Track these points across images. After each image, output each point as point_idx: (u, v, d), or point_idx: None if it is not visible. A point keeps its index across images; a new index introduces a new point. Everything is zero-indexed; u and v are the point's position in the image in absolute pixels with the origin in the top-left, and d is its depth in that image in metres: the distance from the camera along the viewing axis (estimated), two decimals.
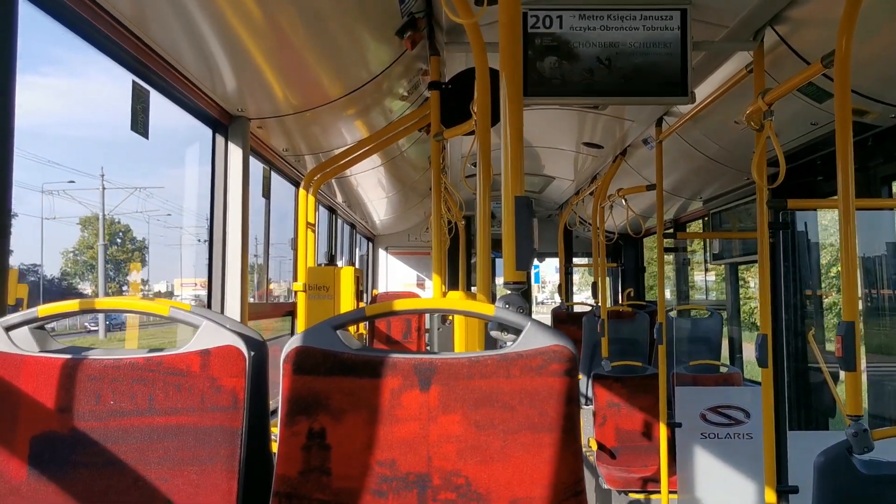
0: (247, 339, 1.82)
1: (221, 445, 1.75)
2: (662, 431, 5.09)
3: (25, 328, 1.85)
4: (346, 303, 4.86)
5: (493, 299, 2.64)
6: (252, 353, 1.81)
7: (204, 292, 4.19)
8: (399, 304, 1.78)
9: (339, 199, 7.72)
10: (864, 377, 2.73)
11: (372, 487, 1.64)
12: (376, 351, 1.71)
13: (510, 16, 2.24)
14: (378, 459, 1.64)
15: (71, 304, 1.91)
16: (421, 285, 11.72)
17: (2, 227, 2.05)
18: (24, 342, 1.83)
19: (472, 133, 3.29)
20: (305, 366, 1.66)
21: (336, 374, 1.66)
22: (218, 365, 1.77)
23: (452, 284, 9.49)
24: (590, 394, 6.51)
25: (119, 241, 36.27)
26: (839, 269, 2.66)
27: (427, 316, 8.80)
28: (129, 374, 1.78)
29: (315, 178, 4.80)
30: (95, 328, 23.03)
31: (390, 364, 1.67)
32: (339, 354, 1.67)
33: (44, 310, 1.84)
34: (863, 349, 4.05)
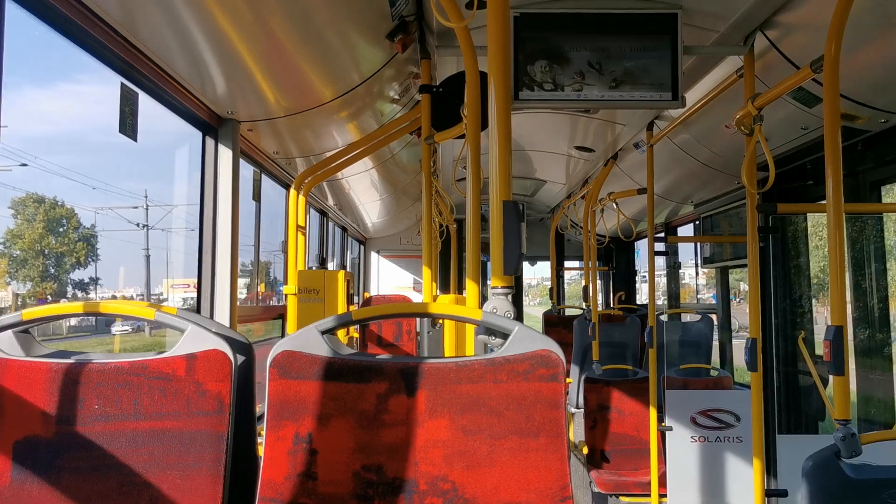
0: (233, 343, 1.81)
1: (207, 450, 1.74)
2: (653, 435, 5.10)
3: (10, 332, 1.84)
4: (337, 306, 4.85)
5: (483, 303, 2.64)
6: (238, 357, 1.80)
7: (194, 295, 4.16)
8: (386, 309, 1.77)
9: (331, 202, 7.71)
10: (852, 381, 2.74)
11: (358, 492, 1.63)
12: (363, 355, 1.70)
13: (499, 19, 2.24)
14: (364, 464, 1.64)
15: (56, 308, 1.90)
16: (417, 289, 11.71)
17: None
18: (8, 346, 1.82)
19: (462, 136, 3.29)
20: (291, 370, 1.66)
21: (322, 379, 1.65)
22: (203, 369, 1.76)
23: (444, 288, 9.48)
24: (581, 397, 6.51)
25: (62, 229, 27.19)
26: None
27: (417, 319, 8.77)
28: (114, 379, 1.77)
29: (306, 181, 4.79)
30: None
31: (377, 369, 1.66)
32: (326, 359, 1.67)
33: (28, 313, 1.83)
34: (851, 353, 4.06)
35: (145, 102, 3.15)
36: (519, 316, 2.34)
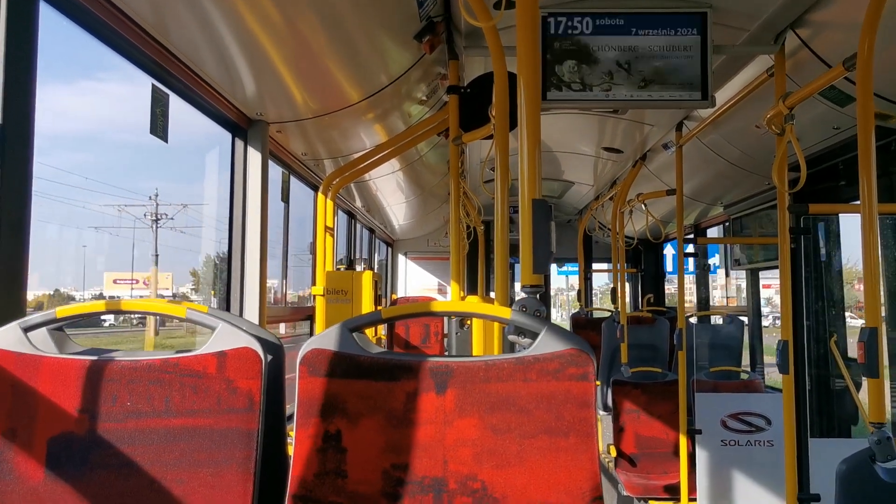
0: (263, 342, 1.82)
1: (237, 447, 1.75)
2: (682, 438, 5.05)
3: (44, 329, 1.86)
4: (365, 307, 4.86)
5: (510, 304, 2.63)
6: (268, 355, 1.81)
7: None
8: (416, 307, 1.78)
9: (358, 203, 7.73)
10: (887, 384, 2.70)
11: (387, 491, 1.63)
12: (392, 354, 1.70)
13: (528, 19, 2.23)
14: (394, 463, 1.64)
15: (90, 306, 1.92)
16: (442, 291, 11.71)
17: (21, 231, 2.07)
18: (42, 343, 1.84)
19: (490, 137, 3.28)
20: (321, 368, 1.66)
21: (352, 377, 1.66)
22: (234, 367, 1.77)
23: (471, 290, 9.47)
24: (609, 400, 6.47)
25: None
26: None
27: (445, 320, 8.79)
28: (146, 376, 1.78)
29: (334, 183, 4.81)
30: None
31: (406, 367, 1.66)
32: (355, 357, 1.67)
33: (62, 311, 1.85)
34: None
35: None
36: (548, 315, 2.33)
